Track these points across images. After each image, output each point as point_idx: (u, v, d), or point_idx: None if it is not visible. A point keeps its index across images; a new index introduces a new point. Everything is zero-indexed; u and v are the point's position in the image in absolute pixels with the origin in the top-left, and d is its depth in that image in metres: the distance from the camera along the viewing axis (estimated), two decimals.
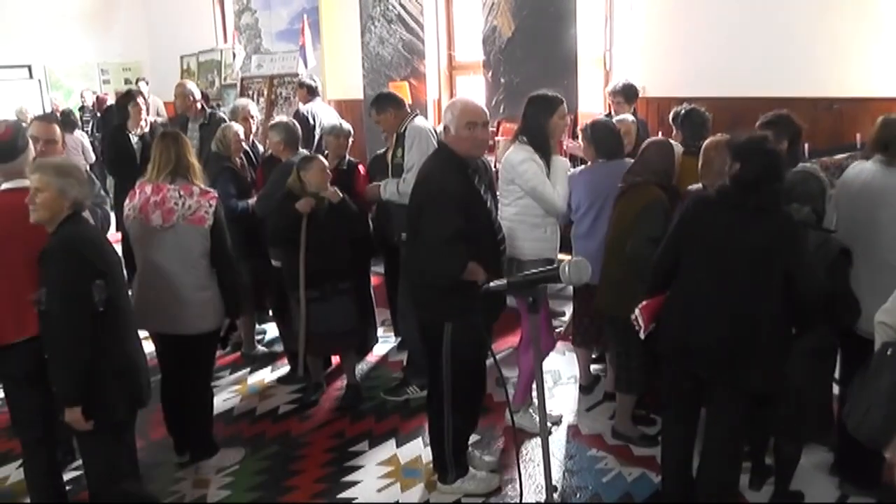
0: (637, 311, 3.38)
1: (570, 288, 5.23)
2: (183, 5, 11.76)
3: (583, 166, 4.74)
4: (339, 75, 8.61)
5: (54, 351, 3.05)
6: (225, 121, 5.90)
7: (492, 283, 2.53)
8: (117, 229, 4.82)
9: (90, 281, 2.99)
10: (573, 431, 4.43)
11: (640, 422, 4.37)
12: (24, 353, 3.31)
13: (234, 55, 9.37)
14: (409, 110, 5.02)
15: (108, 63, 12.59)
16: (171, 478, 4.16)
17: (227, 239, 3.99)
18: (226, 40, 10.97)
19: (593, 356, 5.04)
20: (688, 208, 3.31)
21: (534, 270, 2.48)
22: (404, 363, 5.25)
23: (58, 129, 4.24)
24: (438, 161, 3.55)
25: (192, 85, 6.48)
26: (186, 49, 11.40)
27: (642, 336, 3.40)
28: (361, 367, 5.32)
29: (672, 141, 4.19)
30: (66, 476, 3.83)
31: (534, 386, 3.96)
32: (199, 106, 6.39)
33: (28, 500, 3.66)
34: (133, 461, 3.37)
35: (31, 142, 3.57)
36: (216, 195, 4.00)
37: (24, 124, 4.02)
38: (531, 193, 4.10)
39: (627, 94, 5.82)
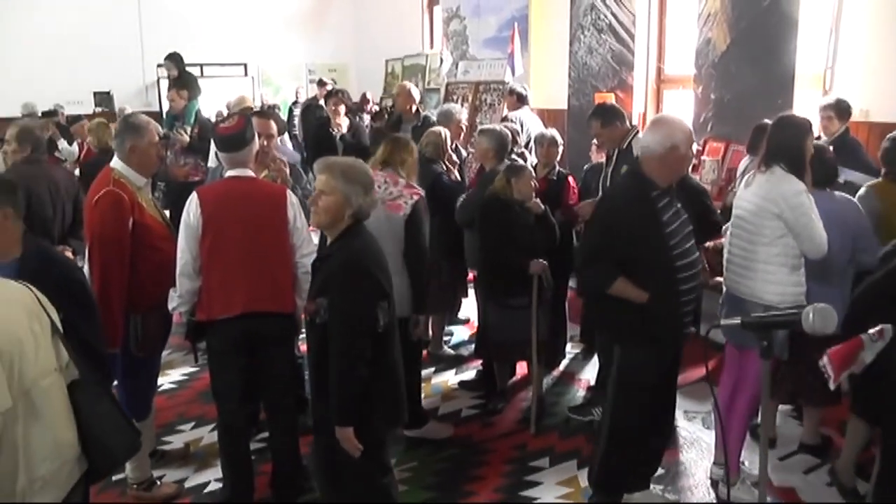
0: (826, 358, 3.05)
1: None
2: (392, 11, 12.18)
3: None
4: (544, 84, 8.56)
5: (332, 370, 2.91)
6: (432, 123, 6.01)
7: (723, 322, 2.35)
8: None
9: (376, 302, 2.91)
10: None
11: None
12: (228, 329, 3.49)
13: (440, 60, 9.54)
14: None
15: (315, 64, 13.31)
16: None
17: (423, 237, 4.09)
18: (432, 46, 11.23)
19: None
20: None
21: (772, 313, 2.30)
22: (591, 382, 5.07)
23: (274, 125, 4.48)
24: (629, 182, 3.50)
25: (414, 88, 6.64)
26: (392, 53, 11.79)
27: (832, 386, 3.08)
28: (548, 381, 5.18)
29: None
30: (252, 446, 3.99)
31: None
32: (415, 108, 6.53)
33: (217, 462, 3.90)
34: (389, 467, 3.37)
35: (256, 135, 3.76)
36: (421, 194, 4.12)
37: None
38: (800, 230, 3.45)
39: (840, 109, 5.34)
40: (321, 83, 11.13)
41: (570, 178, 5.20)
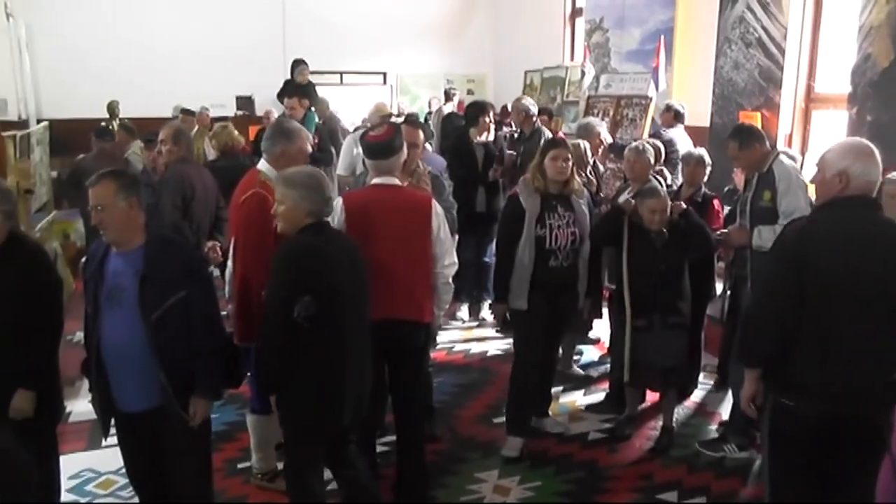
0: None
1: None
2: (532, 22, 12.13)
3: None
4: (686, 100, 8.26)
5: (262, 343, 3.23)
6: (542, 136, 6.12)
7: None
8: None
9: (297, 293, 3.03)
10: None
11: None
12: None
13: (582, 73, 9.41)
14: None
15: (453, 74, 13.41)
16: (472, 477, 4.26)
17: (499, 233, 4.45)
18: (573, 58, 11.11)
19: None
20: None
21: None
22: (723, 418, 4.88)
23: (422, 135, 4.54)
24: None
25: (528, 102, 6.64)
26: (531, 64, 11.72)
27: None
28: (678, 411, 4.98)
29: None
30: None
31: None
32: (532, 120, 6.53)
33: None
34: (311, 468, 3.39)
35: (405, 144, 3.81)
36: (516, 192, 4.38)
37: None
38: None
39: None
40: (448, 94, 11.25)
41: (716, 202, 5.02)
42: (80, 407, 5.00)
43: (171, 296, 3.01)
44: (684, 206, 4.46)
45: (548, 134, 6.35)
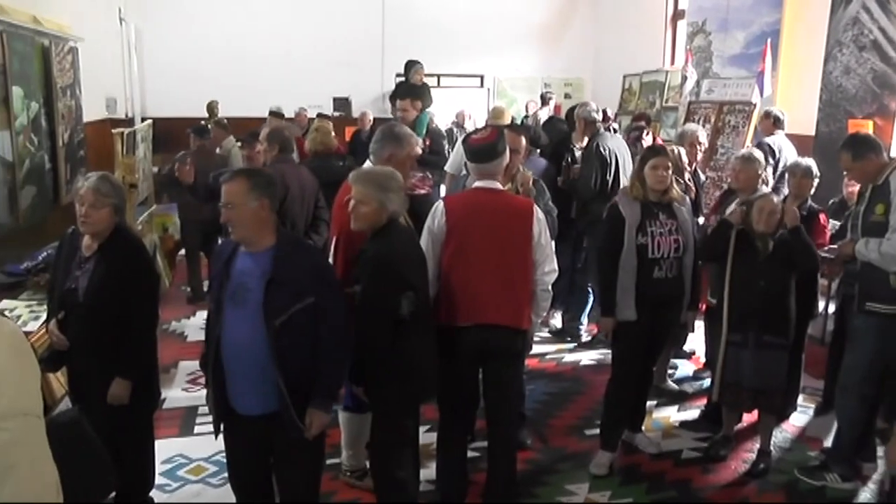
0: None
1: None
2: (633, 26, 11.91)
3: None
4: (791, 106, 7.92)
5: (358, 340, 3.23)
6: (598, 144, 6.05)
7: None
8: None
9: (399, 291, 3.21)
10: None
11: None
12: (460, 337, 3.55)
13: (684, 77, 9.15)
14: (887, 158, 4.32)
15: (551, 78, 13.31)
16: (562, 488, 4.20)
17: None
18: (673, 62, 10.83)
19: None
20: None
21: None
22: (825, 444, 4.63)
23: (523, 140, 4.49)
24: None
25: (590, 108, 6.56)
26: (630, 68, 11.50)
27: None
28: (776, 435, 4.73)
29: None
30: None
31: None
32: (595, 127, 6.46)
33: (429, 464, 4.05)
34: (403, 447, 3.51)
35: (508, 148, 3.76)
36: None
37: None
38: None
39: None
40: (544, 98, 11.07)
41: (822, 216, 4.78)
42: (174, 394, 5.17)
43: (297, 301, 2.94)
44: (797, 213, 4.26)
45: (605, 143, 6.13)
